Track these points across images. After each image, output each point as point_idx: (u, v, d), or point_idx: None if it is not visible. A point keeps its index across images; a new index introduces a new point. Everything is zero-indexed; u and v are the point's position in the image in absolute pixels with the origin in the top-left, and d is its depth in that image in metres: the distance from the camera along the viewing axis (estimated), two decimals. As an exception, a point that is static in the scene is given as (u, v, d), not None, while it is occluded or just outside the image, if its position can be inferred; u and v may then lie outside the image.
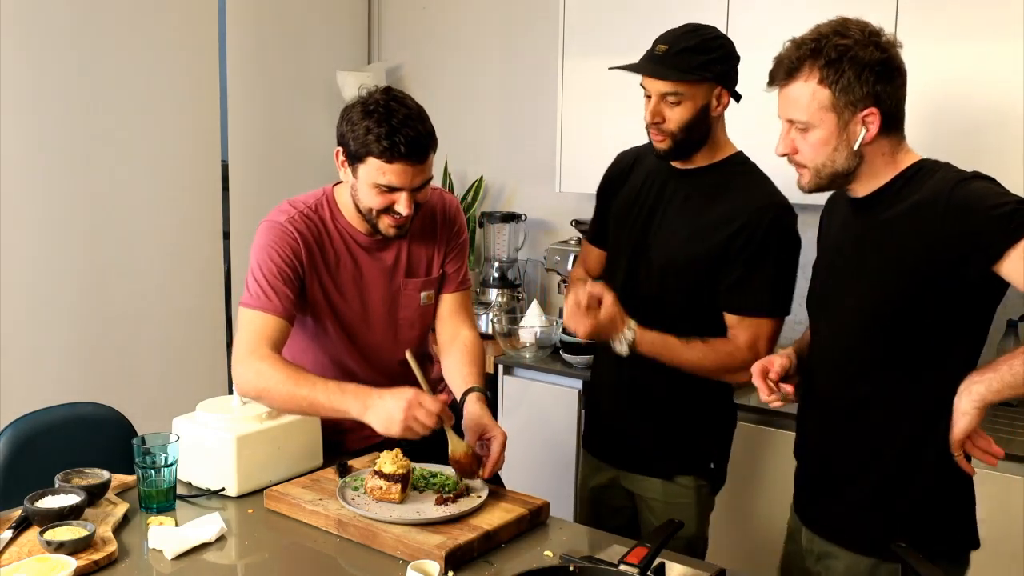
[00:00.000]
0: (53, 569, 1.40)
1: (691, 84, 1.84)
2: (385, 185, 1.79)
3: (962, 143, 2.42)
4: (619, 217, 2.06)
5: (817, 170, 1.56)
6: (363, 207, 1.87)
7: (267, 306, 1.85)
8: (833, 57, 1.49)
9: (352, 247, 1.96)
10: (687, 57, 1.84)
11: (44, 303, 2.91)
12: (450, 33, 3.91)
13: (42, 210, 2.89)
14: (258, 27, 3.58)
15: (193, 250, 3.32)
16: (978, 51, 2.42)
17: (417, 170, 1.80)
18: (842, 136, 1.52)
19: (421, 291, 2.03)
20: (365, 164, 1.79)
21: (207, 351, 3.39)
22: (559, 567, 1.37)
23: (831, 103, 1.51)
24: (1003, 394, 1.42)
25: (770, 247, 1.87)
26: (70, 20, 2.90)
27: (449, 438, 1.76)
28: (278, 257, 1.87)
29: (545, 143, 3.41)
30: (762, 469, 2.63)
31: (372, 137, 1.75)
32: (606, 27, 3.06)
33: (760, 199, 1.89)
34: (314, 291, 1.94)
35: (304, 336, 2.03)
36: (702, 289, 1.92)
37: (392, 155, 1.75)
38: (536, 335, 3.08)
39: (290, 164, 3.72)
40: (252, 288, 1.87)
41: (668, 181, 1.99)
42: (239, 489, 1.80)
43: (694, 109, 1.86)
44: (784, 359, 1.70)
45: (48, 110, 2.88)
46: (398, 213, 1.83)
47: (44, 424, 2.06)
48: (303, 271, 1.90)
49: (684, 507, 2.00)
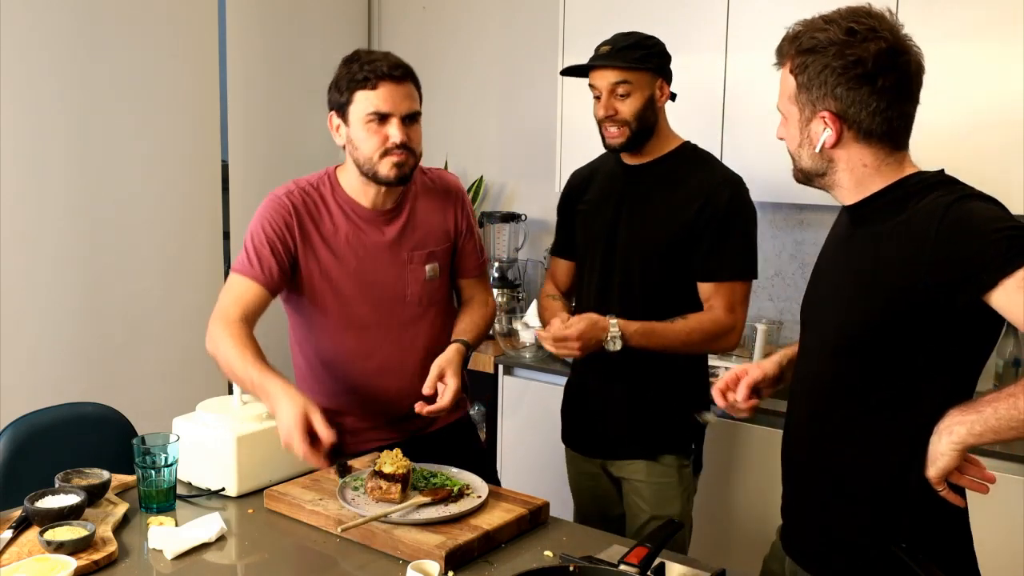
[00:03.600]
0: (53, 569, 1.40)
1: (637, 72, 2.02)
2: (375, 113, 1.87)
3: (962, 143, 2.42)
4: (585, 223, 2.20)
5: (793, 161, 1.51)
6: (363, 158, 1.91)
7: (248, 271, 1.94)
8: (805, 48, 1.42)
9: (353, 219, 1.99)
10: (629, 52, 2.03)
11: (44, 303, 2.91)
12: (450, 33, 3.91)
13: (42, 210, 2.89)
14: (258, 27, 3.58)
15: (193, 250, 3.32)
16: (978, 51, 2.42)
17: (402, 91, 1.88)
18: (804, 133, 1.46)
19: (426, 263, 2.04)
20: (353, 103, 1.89)
21: (207, 351, 3.38)
22: (559, 567, 1.37)
23: (794, 94, 1.45)
24: (985, 438, 1.31)
25: (732, 217, 2.05)
26: (70, 20, 2.90)
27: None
28: (269, 228, 1.95)
29: (545, 143, 3.41)
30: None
31: (353, 72, 1.88)
32: (606, 27, 3.04)
33: (715, 177, 2.07)
34: (310, 266, 1.98)
35: (303, 326, 2.05)
36: (676, 268, 2.08)
37: (375, 78, 1.86)
38: (536, 335, 3.08)
39: (290, 164, 3.71)
40: (241, 254, 1.97)
41: (627, 178, 2.14)
42: (239, 489, 1.80)
43: (643, 99, 2.04)
44: (761, 371, 1.65)
45: (48, 110, 2.88)
46: (394, 145, 1.88)
47: (44, 424, 2.06)
48: (295, 244, 1.96)
49: (669, 486, 2.14)
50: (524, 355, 3.10)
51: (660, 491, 2.13)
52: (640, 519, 2.16)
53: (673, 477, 2.14)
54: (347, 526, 1.59)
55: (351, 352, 2.02)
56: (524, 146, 3.71)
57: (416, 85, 1.94)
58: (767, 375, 1.67)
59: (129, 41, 3.06)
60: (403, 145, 1.88)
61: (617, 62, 2.03)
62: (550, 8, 3.35)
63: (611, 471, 2.21)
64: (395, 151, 1.89)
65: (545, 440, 2.95)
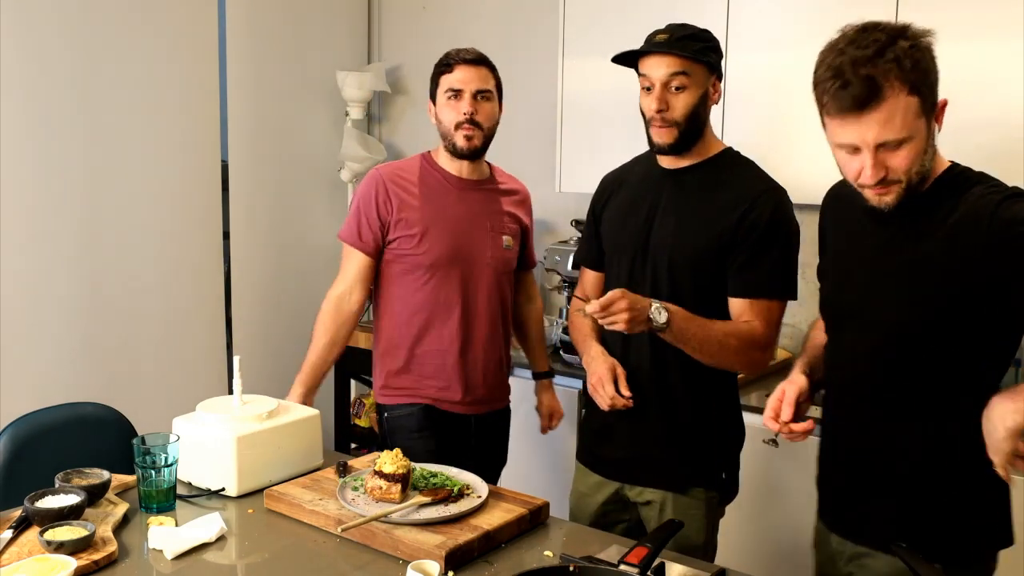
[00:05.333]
0: (53, 569, 1.40)
1: (696, 64, 1.86)
2: (451, 89, 2.24)
3: (962, 143, 2.42)
4: (616, 228, 2.05)
5: (908, 185, 1.46)
6: (444, 128, 2.27)
7: (356, 243, 2.28)
8: (912, 66, 1.40)
9: (450, 179, 2.32)
10: (688, 43, 1.86)
11: (44, 303, 2.91)
12: (450, 33, 3.90)
13: (42, 210, 2.89)
14: (258, 27, 3.58)
15: (193, 250, 3.32)
16: (978, 51, 2.42)
17: (474, 72, 2.26)
18: (931, 140, 1.47)
19: (503, 234, 2.36)
20: (439, 86, 2.28)
21: (207, 351, 3.39)
22: (559, 567, 1.37)
23: (918, 109, 1.43)
24: None
25: (774, 231, 1.88)
26: (70, 20, 2.90)
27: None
28: (366, 201, 2.28)
29: (545, 143, 3.41)
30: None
31: (439, 63, 2.29)
32: (606, 27, 3.06)
33: (758, 186, 1.91)
34: (409, 222, 2.25)
35: (404, 294, 2.30)
36: (709, 280, 1.91)
37: (453, 62, 2.26)
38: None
39: (290, 164, 3.72)
40: (347, 225, 2.32)
41: (662, 183, 1.98)
42: (239, 489, 1.80)
43: (698, 95, 1.87)
44: (796, 386, 1.64)
45: (48, 110, 2.88)
46: (465, 118, 2.23)
47: (44, 424, 2.06)
48: (391, 209, 2.26)
49: (693, 518, 1.94)
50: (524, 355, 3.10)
51: (686, 524, 1.82)
52: None
53: (700, 509, 1.96)
54: (347, 526, 1.59)
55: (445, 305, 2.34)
56: (524, 146, 3.71)
57: (491, 69, 2.29)
58: (802, 388, 1.65)
59: (129, 41, 3.06)
60: (471, 120, 2.23)
61: (677, 51, 1.85)
62: (550, 8, 3.35)
63: (628, 496, 2.03)
64: (465, 125, 2.23)
65: (546, 441, 2.95)
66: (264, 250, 3.64)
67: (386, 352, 2.34)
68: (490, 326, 2.34)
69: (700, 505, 1.96)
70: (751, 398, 2.69)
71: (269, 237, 3.66)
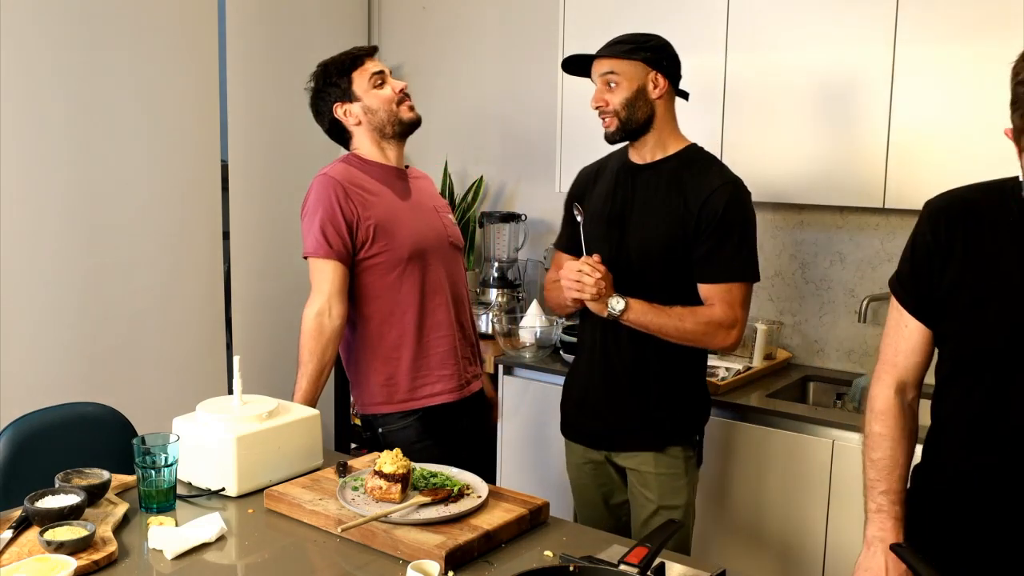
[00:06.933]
0: (53, 569, 1.40)
1: (624, 62, 2.09)
2: (374, 74, 2.29)
3: (962, 143, 2.42)
4: (593, 218, 2.21)
5: None
6: (384, 112, 2.29)
7: (327, 253, 2.19)
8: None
9: (389, 170, 2.33)
10: (619, 45, 2.13)
11: (44, 303, 2.91)
12: (450, 33, 3.91)
13: (42, 210, 2.89)
14: (258, 27, 3.58)
15: (193, 250, 3.33)
16: (978, 51, 2.42)
17: (377, 59, 2.35)
18: None
19: (448, 212, 2.45)
20: (355, 82, 2.29)
21: (207, 351, 3.39)
22: (559, 567, 1.37)
23: None
24: None
25: (729, 221, 2.07)
26: (70, 20, 2.90)
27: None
28: (327, 208, 2.20)
29: (545, 143, 3.41)
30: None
31: (340, 62, 2.31)
32: (606, 27, 3.05)
33: (717, 179, 2.10)
34: (378, 219, 2.22)
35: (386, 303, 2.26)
36: (678, 268, 2.11)
37: (360, 55, 2.32)
38: (536, 335, 3.08)
39: (290, 164, 3.72)
40: (311, 239, 2.21)
41: (634, 177, 2.19)
42: (239, 489, 1.80)
43: (630, 89, 2.10)
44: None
45: (48, 110, 2.88)
46: (402, 91, 2.32)
47: (44, 424, 2.06)
48: (355, 210, 2.21)
49: (676, 476, 2.18)
50: (524, 355, 3.10)
51: (667, 482, 2.17)
52: (647, 509, 2.18)
53: (680, 468, 2.18)
54: (347, 526, 1.59)
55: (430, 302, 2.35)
56: (524, 146, 3.71)
57: None
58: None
59: (129, 41, 3.06)
60: (405, 93, 2.32)
61: (604, 53, 2.13)
62: (550, 8, 3.35)
63: (616, 461, 2.25)
64: (405, 99, 2.31)
65: (545, 440, 2.95)
66: (264, 250, 3.64)
67: (383, 359, 2.28)
68: (468, 301, 2.45)
69: (679, 464, 2.18)
70: (751, 399, 2.69)
71: (269, 237, 3.66)
